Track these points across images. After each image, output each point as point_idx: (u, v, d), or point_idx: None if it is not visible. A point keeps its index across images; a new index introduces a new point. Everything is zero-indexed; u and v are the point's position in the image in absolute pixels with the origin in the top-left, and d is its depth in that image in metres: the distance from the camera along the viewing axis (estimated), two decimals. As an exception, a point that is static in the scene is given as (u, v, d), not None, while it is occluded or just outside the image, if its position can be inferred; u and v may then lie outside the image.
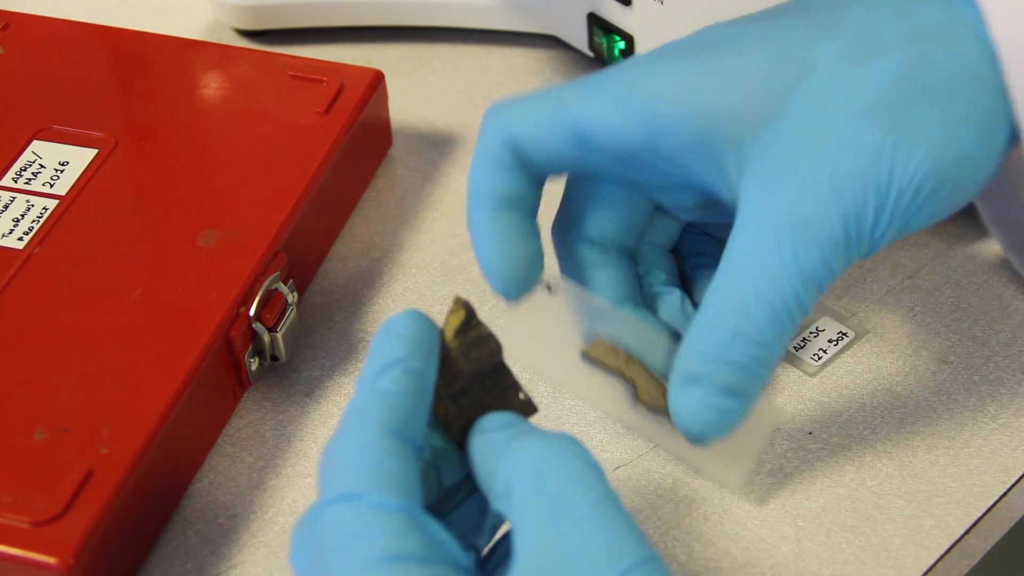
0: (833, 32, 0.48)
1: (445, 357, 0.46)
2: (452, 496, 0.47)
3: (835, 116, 0.47)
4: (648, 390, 0.52)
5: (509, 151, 0.51)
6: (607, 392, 0.53)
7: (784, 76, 0.48)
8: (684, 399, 0.50)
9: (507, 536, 0.46)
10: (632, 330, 0.52)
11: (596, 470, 0.43)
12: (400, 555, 0.40)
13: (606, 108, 0.50)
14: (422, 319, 0.46)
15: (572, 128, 0.50)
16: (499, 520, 0.47)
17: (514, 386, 0.47)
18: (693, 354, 0.49)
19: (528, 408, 0.48)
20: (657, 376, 0.52)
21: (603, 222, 0.54)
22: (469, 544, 0.46)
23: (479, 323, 0.47)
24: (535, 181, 0.52)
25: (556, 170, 0.52)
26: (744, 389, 0.49)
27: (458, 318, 0.46)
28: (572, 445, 0.43)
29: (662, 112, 0.49)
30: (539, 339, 0.52)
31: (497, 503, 0.44)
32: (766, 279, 0.48)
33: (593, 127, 0.50)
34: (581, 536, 0.41)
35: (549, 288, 0.51)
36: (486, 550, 0.47)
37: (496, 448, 0.44)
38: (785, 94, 0.48)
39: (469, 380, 0.46)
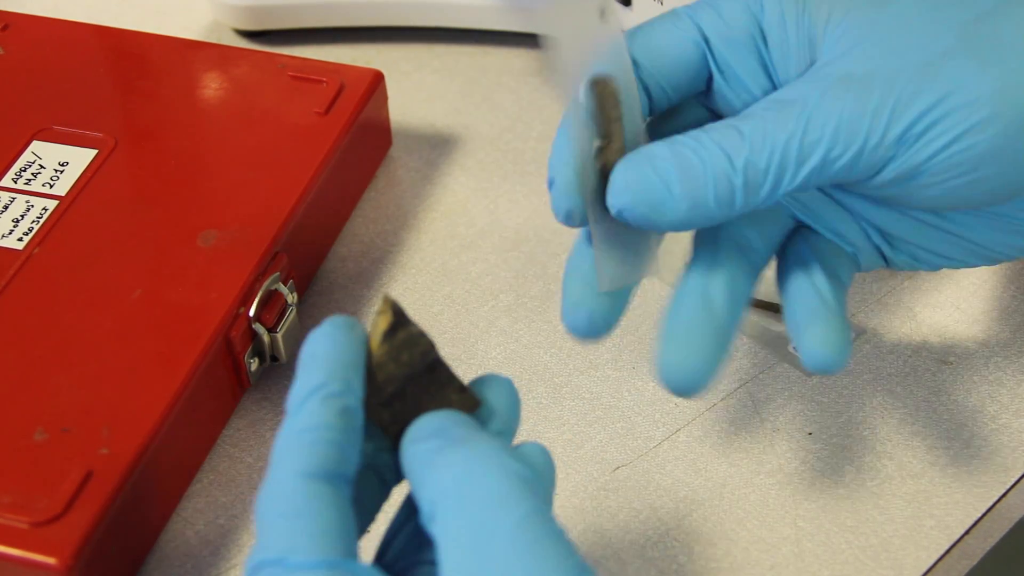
0: None
1: (373, 364, 0.44)
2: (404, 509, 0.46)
3: (926, 14, 0.47)
4: (615, 153, 0.49)
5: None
6: (583, 129, 0.50)
7: None
8: (638, 160, 0.47)
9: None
10: (635, 98, 0.50)
11: (521, 482, 0.41)
12: None
13: (731, 3, 0.50)
14: (339, 331, 0.44)
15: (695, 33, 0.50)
16: None
17: (451, 381, 0.45)
18: (671, 137, 0.48)
19: (470, 402, 0.45)
20: (625, 145, 0.49)
21: (661, 59, 0.51)
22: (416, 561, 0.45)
23: (409, 323, 0.45)
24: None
25: (672, 91, 0.51)
26: (692, 197, 0.47)
27: (386, 320, 0.44)
28: (495, 455, 0.42)
29: None
30: (566, 40, 0.49)
31: (425, 524, 0.42)
32: (778, 116, 0.47)
33: (716, 25, 0.50)
34: (504, 560, 0.39)
35: (603, 13, 0.49)
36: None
37: (421, 464, 0.43)
38: None
39: (401, 384, 0.45)
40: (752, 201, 0.47)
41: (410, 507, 0.45)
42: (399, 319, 0.44)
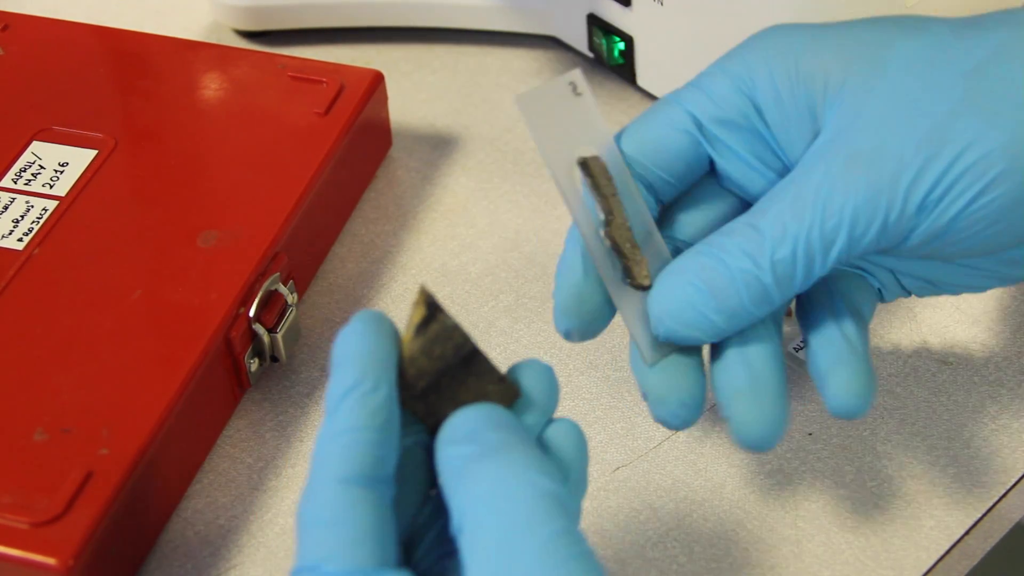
0: (932, 21, 0.49)
1: (406, 358, 0.44)
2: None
3: (924, 74, 0.47)
4: (619, 229, 0.50)
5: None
6: (583, 206, 0.51)
7: (887, 35, 0.48)
8: (667, 286, 0.49)
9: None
10: (623, 168, 0.51)
11: (551, 501, 0.41)
12: None
13: (719, 85, 0.50)
14: (371, 327, 0.44)
15: (689, 121, 0.51)
16: None
17: (489, 372, 0.45)
18: (693, 248, 0.49)
19: (508, 393, 0.45)
20: (629, 226, 0.50)
21: (658, 153, 0.52)
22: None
23: (443, 316, 0.44)
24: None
25: (675, 180, 0.52)
26: (727, 309, 0.48)
27: (420, 313, 0.44)
28: (525, 471, 0.41)
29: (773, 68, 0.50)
30: (549, 127, 0.50)
31: (453, 532, 0.42)
32: (793, 206, 0.47)
33: (707, 108, 0.50)
34: None
35: (575, 88, 0.50)
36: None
37: (453, 472, 0.43)
38: (887, 47, 0.48)
39: (435, 378, 0.44)
40: (787, 293, 0.48)
41: (438, 504, 0.45)
42: (432, 312, 0.44)
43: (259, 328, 0.59)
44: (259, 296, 0.59)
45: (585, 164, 0.50)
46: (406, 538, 0.45)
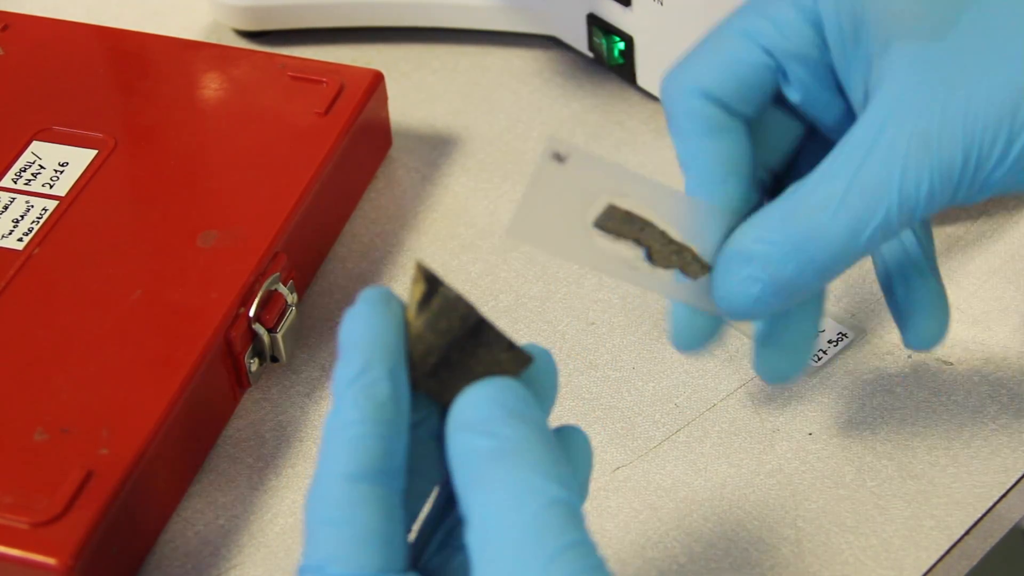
0: None
1: (412, 336, 0.43)
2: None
3: (997, 35, 0.46)
4: (663, 252, 0.50)
5: (705, 102, 0.50)
6: (617, 259, 0.50)
7: None
8: (732, 274, 0.49)
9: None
10: (647, 190, 0.49)
11: (564, 511, 0.40)
12: None
13: (785, 13, 0.50)
14: (375, 309, 0.43)
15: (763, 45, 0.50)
16: None
17: (499, 340, 0.43)
18: (757, 236, 0.48)
19: (519, 360, 0.44)
20: (672, 238, 0.50)
21: (728, 81, 0.51)
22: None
23: (443, 289, 0.43)
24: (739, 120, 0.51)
25: (750, 100, 0.51)
26: (792, 287, 0.48)
27: (419, 289, 0.43)
28: (540, 479, 0.40)
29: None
30: (547, 214, 0.48)
31: (463, 525, 0.41)
32: (860, 188, 0.46)
33: (777, 41, 0.50)
34: None
35: (559, 158, 0.47)
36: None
37: (465, 467, 0.41)
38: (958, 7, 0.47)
39: (444, 352, 0.43)
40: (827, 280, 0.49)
41: (448, 495, 0.45)
42: (432, 286, 0.43)
43: (259, 328, 0.59)
44: (259, 296, 0.59)
45: (601, 226, 0.49)
46: (416, 532, 0.44)
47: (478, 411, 0.42)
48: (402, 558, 0.41)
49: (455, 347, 0.43)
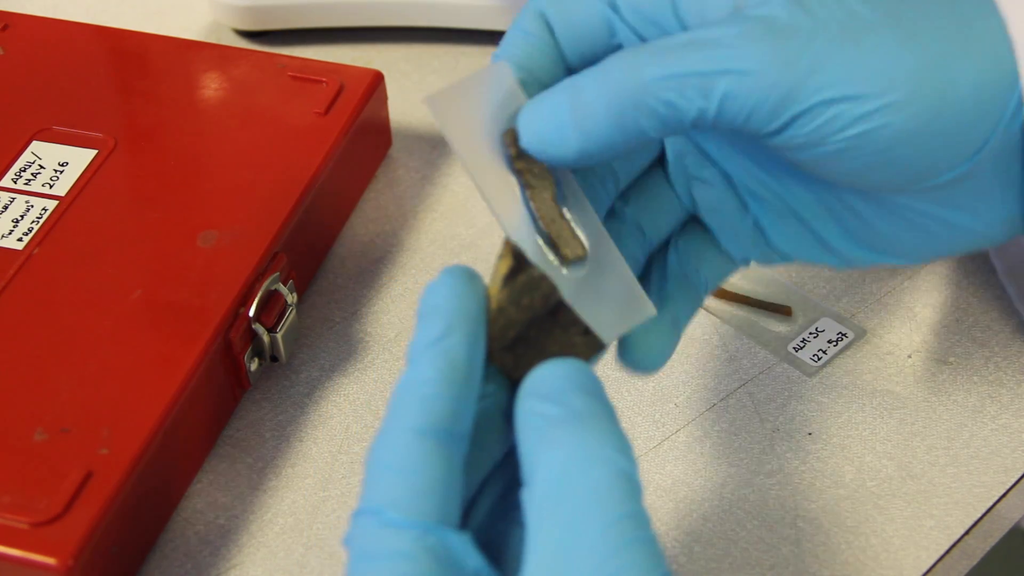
0: None
1: (494, 309, 0.44)
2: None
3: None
4: (542, 203, 0.48)
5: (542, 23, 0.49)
6: (503, 188, 0.48)
7: None
8: (538, 100, 0.46)
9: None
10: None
11: (625, 481, 0.41)
12: None
13: None
14: (459, 280, 0.44)
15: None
16: None
17: (576, 324, 0.44)
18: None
19: (594, 345, 0.45)
20: (555, 199, 0.48)
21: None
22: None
23: (530, 266, 0.44)
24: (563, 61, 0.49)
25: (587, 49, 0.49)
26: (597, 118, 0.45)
27: (506, 264, 0.44)
28: (605, 447, 0.41)
29: None
30: (469, 105, 0.47)
31: (523, 491, 0.42)
32: (692, 38, 0.45)
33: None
34: (590, 559, 0.39)
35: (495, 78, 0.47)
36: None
37: (532, 431, 0.42)
38: None
39: (523, 328, 0.44)
40: (644, 126, 0.45)
41: (505, 470, 0.45)
42: (519, 263, 0.44)
43: (259, 328, 0.59)
44: (259, 296, 0.59)
45: (509, 137, 0.47)
46: (467, 498, 0.45)
47: (552, 382, 0.43)
48: (458, 517, 0.42)
49: (534, 324, 0.44)
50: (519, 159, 0.47)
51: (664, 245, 0.51)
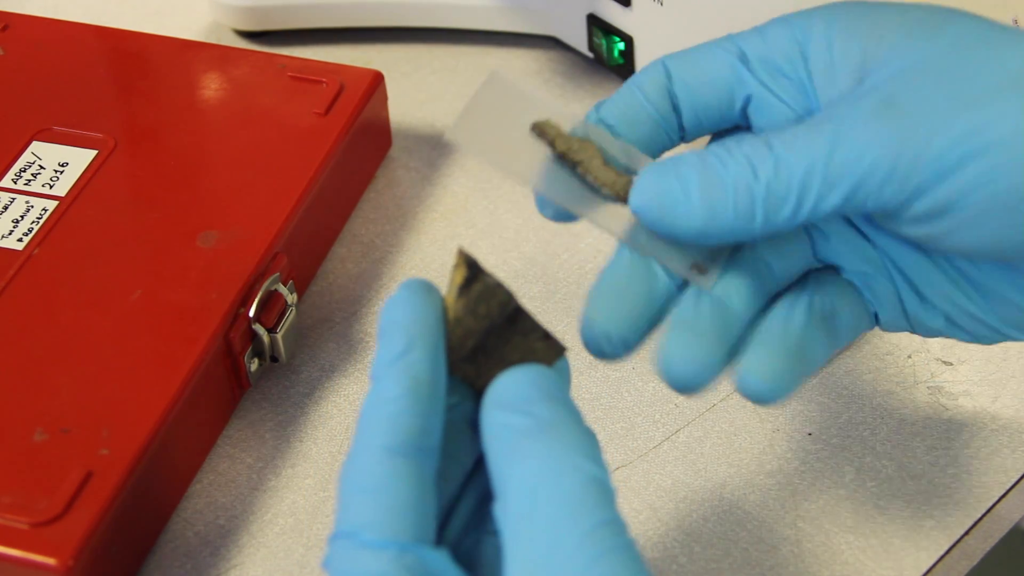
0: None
1: (451, 319, 0.44)
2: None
3: (975, 50, 0.46)
4: (601, 170, 0.48)
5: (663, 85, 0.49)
6: (556, 180, 0.48)
7: (944, 14, 0.47)
8: (658, 172, 0.46)
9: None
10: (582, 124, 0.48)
11: (598, 488, 0.41)
12: None
13: (775, 28, 0.49)
14: (416, 294, 0.44)
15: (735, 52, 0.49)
16: None
17: (535, 330, 0.45)
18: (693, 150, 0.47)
19: (555, 351, 0.45)
20: (609, 162, 0.48)
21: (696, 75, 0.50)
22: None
23: (484, 275, 0.44)
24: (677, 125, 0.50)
25: (703, 111, 0.50)
26: (710, 207, 0.46)
27: (460, 274, 0.44)
28: (575, 455, 0.41)
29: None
30: (487, 122, 0.48)
31: (495, 505, 0.42)
32: (809, 132, 0.45)
33: (756, 46, 0.49)
34: (569, 571, 0.39)
35: (500, 84, 0.47)
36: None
37: (501, 443, 0.42)
38: (946, 22, 0.47)
39: (481, 337, 0.44)
40: (773, 219, 0.45)
41: (476, 481, 0.45)
42: (473, 272, 0.44)
43: (259, 328, 0.59)
44: (259, 296, 0.59)
45: (537, 128, 0.47)
46: (441, 511, 0.45)
47: (516, 391, 0.43)
48: (433, 533, 0.42)
49: (492, 333, 0.44)
50: (558, 142, 0.47)
51: (791, 285, 0.50)
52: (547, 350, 0.45)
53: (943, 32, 0.47)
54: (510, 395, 0.43)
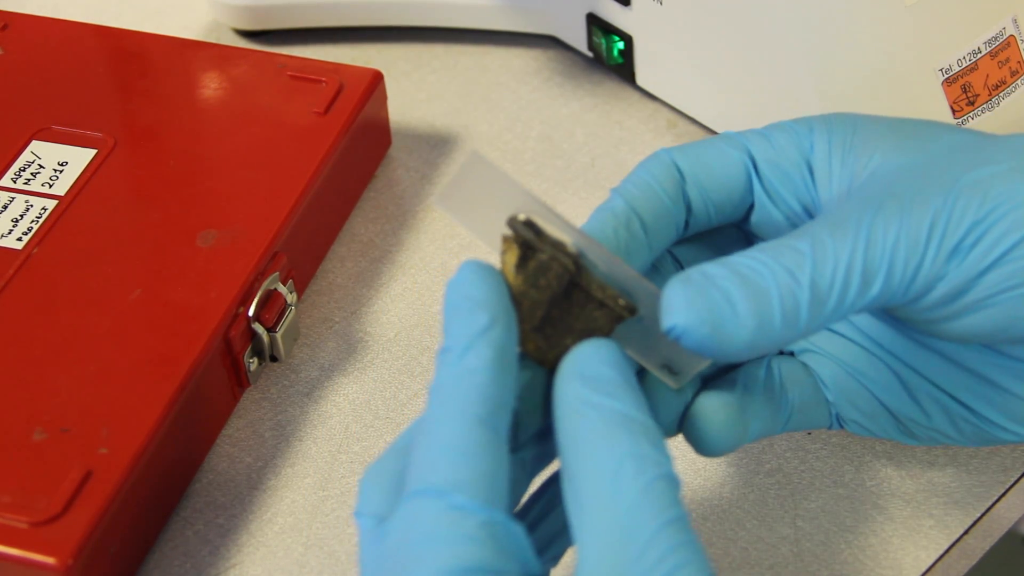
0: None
1: (516, 294, 0.45)
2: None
3: (969, 155, 0.48)
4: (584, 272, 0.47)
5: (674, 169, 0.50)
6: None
7: (936, 128, 0.50)
8: (695, 289, 0.46)
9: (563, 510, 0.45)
10: (563, 224, 0.48)
11: (670, 485, 0.41)
12: (471, 567, 0.40)
13: (779, 134, 0.51)
14: (489, 272, 0.44)
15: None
16: None
17: (592, 300, 0.46)
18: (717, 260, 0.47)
19: (613, 317, 0.46)
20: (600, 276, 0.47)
21: (703, 167, 0.51)
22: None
23: (537, 251, 0.45)
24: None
25: (712, 209, 0.51)
26: (760, 319, 0.46)
27: (514, 255, 0.45)
28: (654, 451, 0.42)
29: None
30: (471, 197, 0.47)
31: (564, 483, 0.43)
32: (834, 232, 0.46)
33: (764, 150, 0.51)
34: (645, 559, 0.40)
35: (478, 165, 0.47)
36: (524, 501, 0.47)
37: (585, 421, 0.42)
38: (934, 138, 0.49)
39: (547, 307, 0.45)
40: (817, 319, 0.45)
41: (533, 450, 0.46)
42: (526, 250, 0.45)
43: (258, 327, 0.59)
44: (258, 295, 0.59)
45: (516, 225, 0.47)
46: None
47: (598, 369, 0.44)
48: (511, 506, 0.43)
49: (555, 304, 0.45)
50: (532, 239, 0.47)
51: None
52: (606, 317, 0.46)
53: (936, 140, 0.49)
54: (592, 370, 0.43)
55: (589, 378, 0.43)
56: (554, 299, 0.45)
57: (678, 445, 0.58)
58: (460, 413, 0.42)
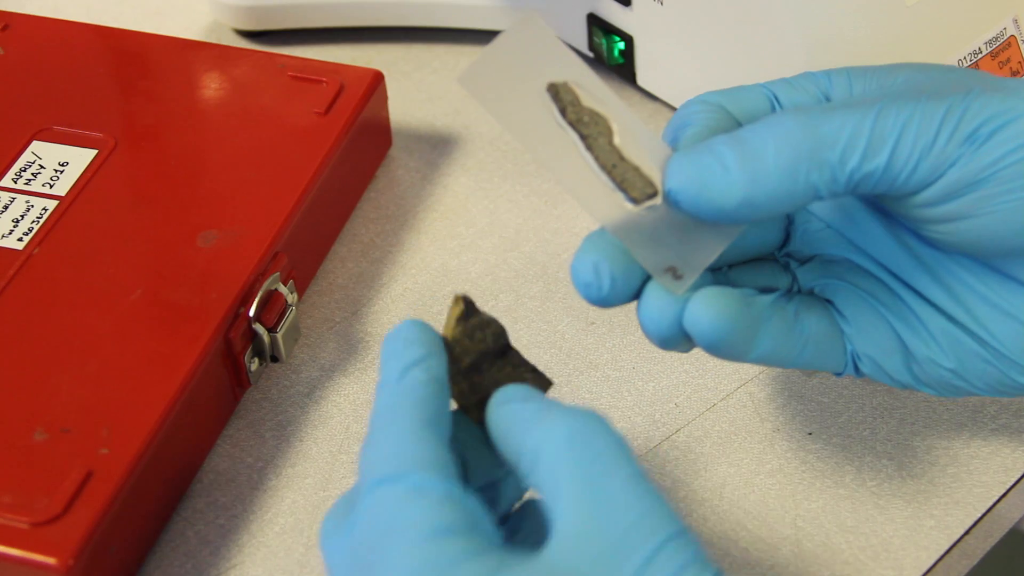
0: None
1: (451, 340, 0.47)
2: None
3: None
4: (606, 150, 0.47)
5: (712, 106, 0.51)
6: (557, 148, 0.47)
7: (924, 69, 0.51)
8: (683, 152, 0.47)
9: (528, 508, 0.47)
10: (608, 98, 0.48)
11: (624, 446, 0.43)
12: (445, 529, 0.41)
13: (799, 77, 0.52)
14: (426, 326, 0.47)
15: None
16: (516, 497, 0.48)
17: (525, 364, 0.47)
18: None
19: (543, 383, 0.47)
20: (618, 148, 0.47)
21: (734, 100, 0.52)
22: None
23: (479, 312, 0.47)
24: None
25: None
26: (754, 171, 0.46)
27: (458, 309, 0.47)
28: (600, 421, 0.43)
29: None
30: (502, 74, 0.47)
31: (525, 475, 0.44)
32: (852, 107, 0.47)
33: (783, 89, 0.52)
34: (618, 508, 0.41)
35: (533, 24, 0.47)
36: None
37: (521, 420, 0.44)
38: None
39: (477, 357, 0.46)
40: (816, 174, 0.46)
41: None
42: (470, 309, 0.47)
43: (259, 328, 0.59)
44: (259, 296, 0.59)
45: (553, 93, 0.47)
46: None
47: (516, 391, 0.45)
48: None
49: (487, 358, 0.47)
50: (569, 110, 0.47)
51: None
52: (536, 381, 0.47)
53: (956, 71, 0.50)
54: (514, 393, 0.45)
55: (514, 397, 0.45)
56: (486, 353, 0.47)
57: (678, 445, 0.58)
58: (405, 418, 0.44)
